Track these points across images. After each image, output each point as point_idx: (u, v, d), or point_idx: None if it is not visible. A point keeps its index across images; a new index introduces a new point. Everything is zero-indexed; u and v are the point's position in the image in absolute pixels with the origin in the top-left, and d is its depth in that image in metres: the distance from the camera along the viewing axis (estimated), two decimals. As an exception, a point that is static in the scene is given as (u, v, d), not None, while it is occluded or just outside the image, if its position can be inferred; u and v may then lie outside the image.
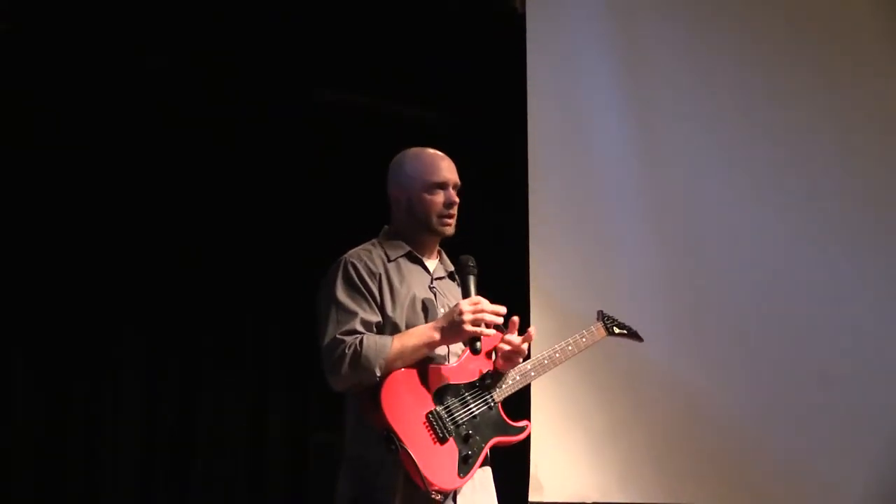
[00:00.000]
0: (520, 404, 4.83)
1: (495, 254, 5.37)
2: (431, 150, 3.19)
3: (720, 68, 4.90)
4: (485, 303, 3.01)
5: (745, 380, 4.74)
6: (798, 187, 4.80)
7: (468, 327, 2.96)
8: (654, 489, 4.74)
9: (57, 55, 4.53)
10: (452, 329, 2.97)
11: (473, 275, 3.08)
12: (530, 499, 4.73)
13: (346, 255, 3.08)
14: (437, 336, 2.98)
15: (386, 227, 3.21)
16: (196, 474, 4.74)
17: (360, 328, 2.96)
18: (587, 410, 4.82)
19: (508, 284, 5.06)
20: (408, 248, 3.14)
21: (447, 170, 3.14)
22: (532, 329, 3.12)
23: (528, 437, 4.67)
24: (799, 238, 4.78)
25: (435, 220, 3.12)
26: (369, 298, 3.01)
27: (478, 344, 2.99)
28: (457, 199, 3.13)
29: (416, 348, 2.97)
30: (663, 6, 5.00)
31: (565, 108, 5.01)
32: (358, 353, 2.90)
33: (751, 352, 4.74)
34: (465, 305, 2.98)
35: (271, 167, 5.02)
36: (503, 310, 3.03)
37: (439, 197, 3.11)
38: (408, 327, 3.02)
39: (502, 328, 3.07)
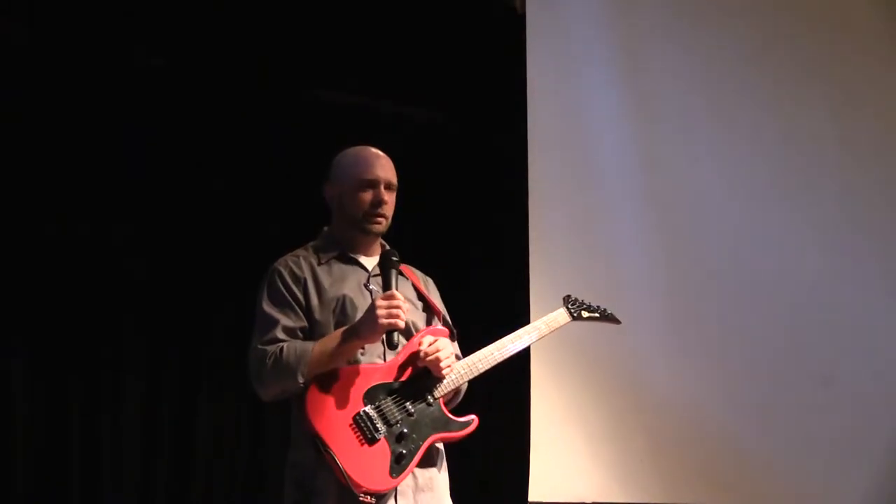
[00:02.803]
0: (519, 404, 4.86)
1: (495, 254, 5.40)
2: (372, 149, 3.12)
3: (721, 68, 4.90)
4: (399, 297, 2.92)
5: (746, 379, 4.74)
6: (799, 187, 4.80)
7: (382, 321, 2.85)
8: (654, 489, 4.74)
9: (57, 55, 4.53)
10: (368, 326, 2.88)
11: (395, 268, 2.99)
12: (530, 499, 4.72)
13: (275, 263, 3.05)
14: (355, 335, 2.90)
15: (325, 228, 3.16)
16: (196, 474, 4.73)
17: (281, 335, 2.92)
18: (587, 410, 4.82)
19: (508, 284, 5.08)
20: (340, 249, 3.08)
21: (380, 168, 3.07)
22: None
23: (528, 437, 4.76)
24: (799, 237, 4.78)
25: (362, 217, 3.05)
26: (293, 304, 2.96)
27: (394, 338, 2.91)
28: (385, 199, 3.05)
29: (338, 350, 2.89)
30: (663, 6, 5.00)
31: (565, 108, 5.01)
32: (279, 361, 2.87)
33: (751, 351, 4.74)
34: (379, 300, 2.89)
35: (271, 167, 5.01)
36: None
37: (368, 195, 3.04)
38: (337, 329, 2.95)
39: (395, 345, 2.95)
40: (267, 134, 5.02)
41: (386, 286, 2.97)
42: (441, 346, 3.00)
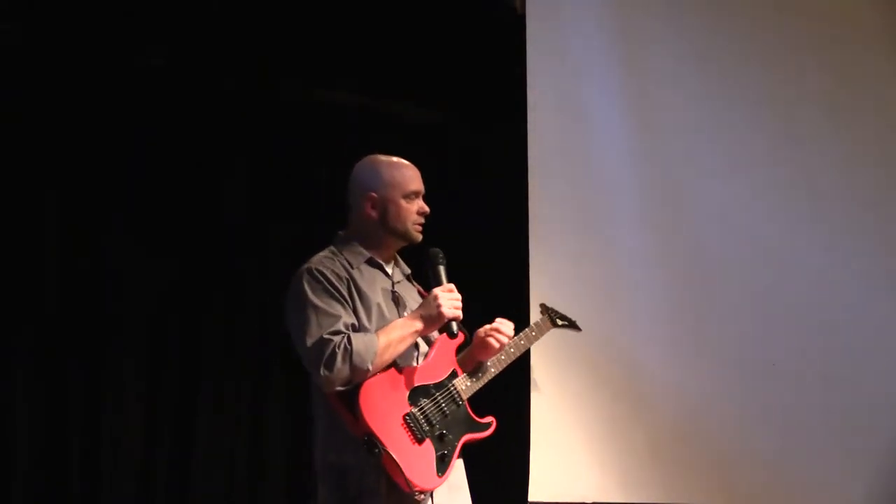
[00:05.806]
0: (519, 404, 4.86)
1: (495, 254, 5.40)
2: (402, 159, 3.29)
3: (721, 68, 4.90)
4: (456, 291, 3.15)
5: (745, 379, 4.74)
6: (799, 187, 4.81)
7: (446, 311, 3.08)
8: (654, 489, 4.75)
9: (56, 55, 4.52)
10: (431, 316, 3.09)
11: (443, 265, 3.20)
12: (530, 499, 4.72)
13: (308, 265, 3.13)
14: (418, 325, 3.09)
15: (340, 233, 3.28)
16: (196, 474, 4.73)
17: (343, 329, 3.02)
18: (587, 410, 4.82)
19: (508, 285, 5.08)
20: (368, 255, 3.21)
21: (419, 178, 3.26)
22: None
23: (528, 437, 4.76)
24: (799, 238, 4.78)
25: (410, 226, 3.22)
26: (343, 303, 3.07)
27: (454, 327, 3.10)
28: (427, 209, 3.25)
29: (401, 340, 3.06)
30: (663, 5, 5.00)
31: (565, 108, 5.00)
32: (349, 351, 2.96)
33: (751, 351, 4.75)
34: (440, 291, 3.12)
35: (271, 167, 5.01)
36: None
37: (415, 205, 3.22)
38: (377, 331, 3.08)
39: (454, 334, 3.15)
40: (267, 134, 5.02)
41: (437, 281, 3.17)
42: (504, 322, 3.25)
